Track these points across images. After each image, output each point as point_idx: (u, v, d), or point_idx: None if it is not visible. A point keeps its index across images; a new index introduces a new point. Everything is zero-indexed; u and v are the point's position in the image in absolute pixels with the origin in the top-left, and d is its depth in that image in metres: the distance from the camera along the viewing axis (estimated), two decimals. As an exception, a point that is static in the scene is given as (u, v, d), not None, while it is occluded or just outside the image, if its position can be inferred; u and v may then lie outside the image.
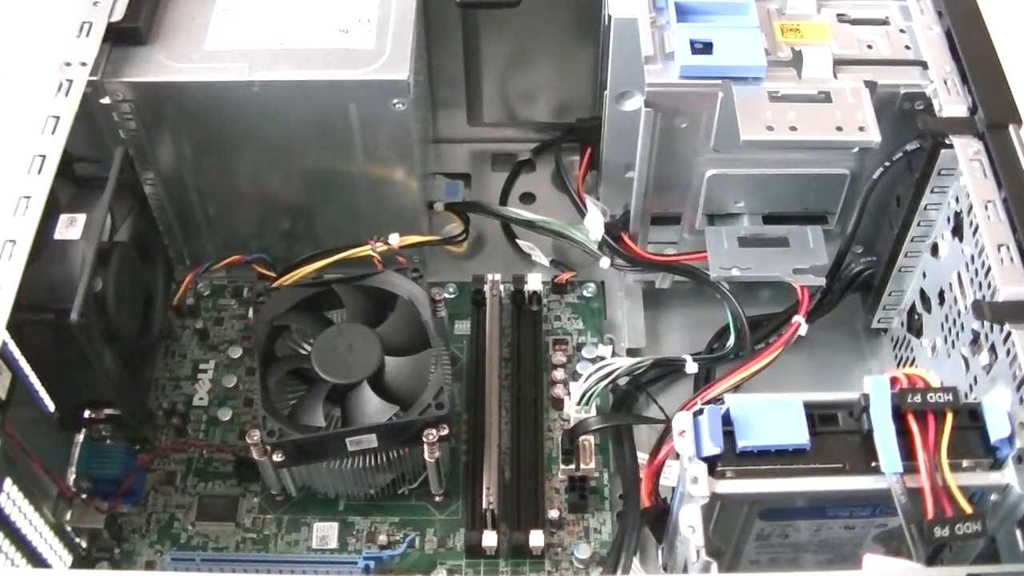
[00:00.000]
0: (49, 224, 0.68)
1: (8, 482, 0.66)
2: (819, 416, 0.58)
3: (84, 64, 0.73)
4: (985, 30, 0.75)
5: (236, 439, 0.80)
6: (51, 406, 0.74)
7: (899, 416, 0.57)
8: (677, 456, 0.59)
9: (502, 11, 0.89)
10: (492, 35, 0.93)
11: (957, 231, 0.71)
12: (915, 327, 0.80)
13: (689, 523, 0.57)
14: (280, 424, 0.70)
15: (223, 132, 0.78)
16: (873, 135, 0.69)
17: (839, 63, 0.73)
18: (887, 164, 0.74)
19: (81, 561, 0.75)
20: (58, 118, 0.70)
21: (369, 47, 0.77)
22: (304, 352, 0.74)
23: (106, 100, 0.75)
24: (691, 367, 0.80)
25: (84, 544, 0.76)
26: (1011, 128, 0.69)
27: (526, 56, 0.95)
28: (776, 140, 0.69)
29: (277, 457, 0.70)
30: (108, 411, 0.76)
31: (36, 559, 0.69)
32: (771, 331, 0.83)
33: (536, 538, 0.73)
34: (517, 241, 0.94)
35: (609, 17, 0.76)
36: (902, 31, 0.76)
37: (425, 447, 0.71)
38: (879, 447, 0.57)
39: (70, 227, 0.69)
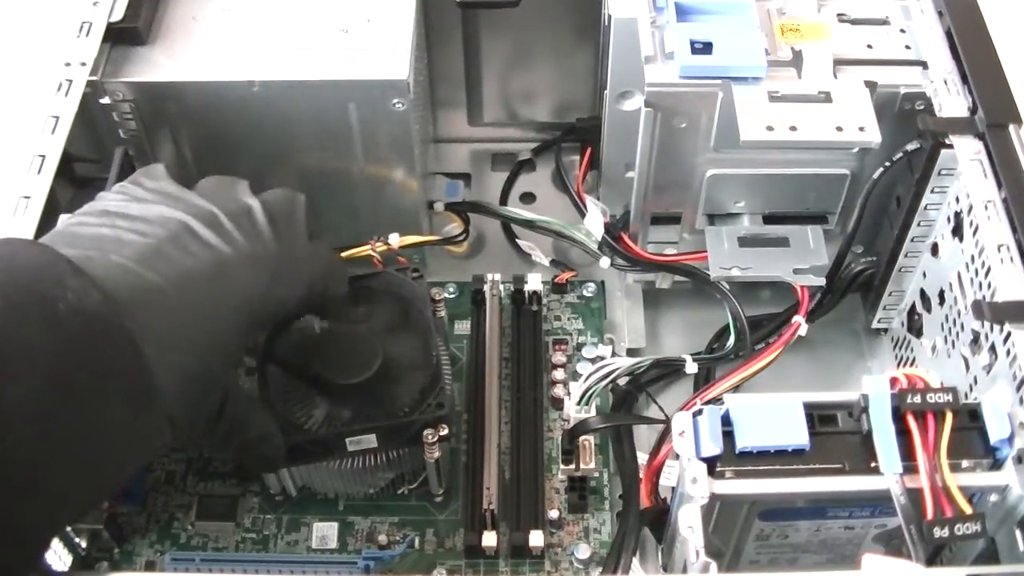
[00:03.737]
0: (49, 224, 0.68)
1: (8, 482, 0.66)
2: (819, 416, 0.58)
3: (84, 64, 0.73)
4: (985, 30, 0.75)
5: (236, 439, 0.80)
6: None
7: (899, 416, 0.57)
8: (677, 456, 0.59)
9: (502, 11, 0.89)
10: (492, 35, 0.93)
11: (957, 231, 0.71)
12: (915, 327, 0.80)
13: (688, 523, 0.56)
14: (280, 424, 0.70)
15: (223, 132, 0.78)
16: (873, 135, 0.69)
17: (839, 63, 0.73)
18: (887, 164, 0.74)
19: (81, 561, 0.75)
20: (58, 118, 0.70)
21: (369, 47, 0.77)
22: (304, 352, 0.74)
23: (106, 100, 0.75)
24: (691, 367, 0.80)
25: (84, 544, 0.76)
26: (1011, 128, 0.69)
27: (526, 56, 0.95)
28: (776, 140, 0.69)
29: (277, 457, 0.70)
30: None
31: (36, 559, 0.70)
32: (771, 331, 0.83)
33: (536, 538, 0.73)
34: (517, 241, 0.94)
35: (609, 17, 0.76)
36: (902, 31, 0.76)
37: (425, 447, 0.71)
38: (878, 447, 0.57)
39: (70, 227, 0.69)
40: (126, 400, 0.52)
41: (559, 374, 0.84)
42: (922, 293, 0.78)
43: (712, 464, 0.57)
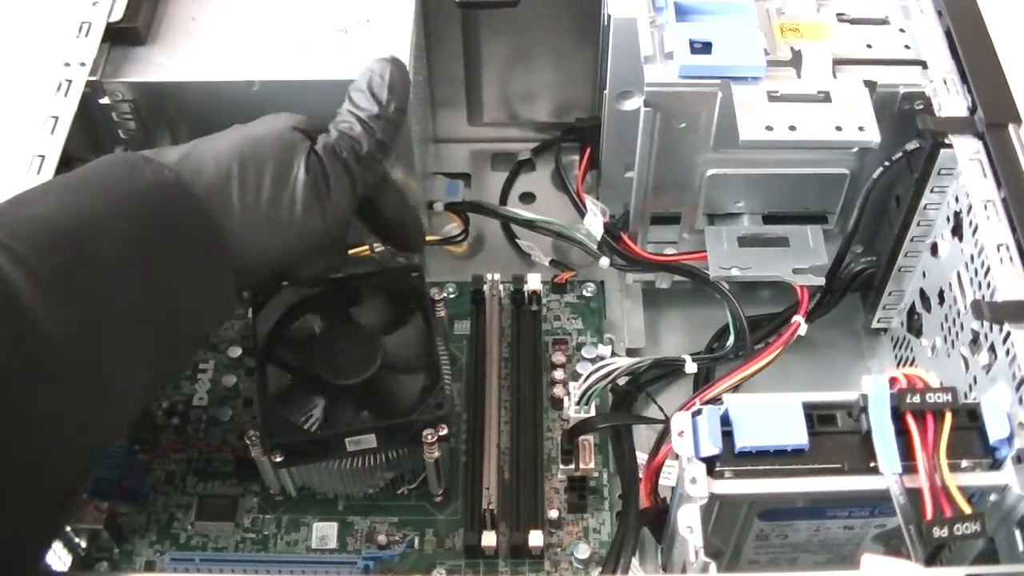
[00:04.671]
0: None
1: (8, 482, 0.66)
2: (818, 416, 0.58)
3: (83, 64, 0.73)
4: (985, 30, 0.75)
5: (236, 439, 0.80)
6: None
7: (898, 416, 0.57)
8: (676, 456, 0.59)
9: (502, 11, 0.89)
10: (492, 35, 0.93)
11: (957, 231, 0.71)
12: (915, 327, 0.80)
13: (688, 523, 0.57)
14: (280, 424, 0.70)
15: (223, 132, 0.78)
16: (873, 135, 0.69)
17: (839, 63, 0.73)
18: (887, 164, 0.74)
19: (81, 561, 0.75)
20: (57, 118, 0.70)
21: (369, 47, 0.77)
22: (304, 352, 0.74)
23: (105, 100, 0.75)
24: (690, 367, 0.80)
25: (84, 544, 0.76)
26: (1011, 128, 0.69)
27: (526, 56, 0.95)
28: (775, 140, 0.69)
29: (277, 457, 0.70)
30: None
31: (36, 559, 0.70)
32: (771, 331, 0.83)
33: (535, 538, 0.73)
34: (517, 241, 0.94)
35: (609, 17, 0.76)
36: (902, 31, 0.76)
37: (425, 447, 0.71)
38: (878, 447, 0.57)
39: (70, 227, 0.69)
40: (198, 261, 0.60)
41: (559, 374, 0.83)
42: (922, 293, 0.78)
43: (711, 464, 0.57)
